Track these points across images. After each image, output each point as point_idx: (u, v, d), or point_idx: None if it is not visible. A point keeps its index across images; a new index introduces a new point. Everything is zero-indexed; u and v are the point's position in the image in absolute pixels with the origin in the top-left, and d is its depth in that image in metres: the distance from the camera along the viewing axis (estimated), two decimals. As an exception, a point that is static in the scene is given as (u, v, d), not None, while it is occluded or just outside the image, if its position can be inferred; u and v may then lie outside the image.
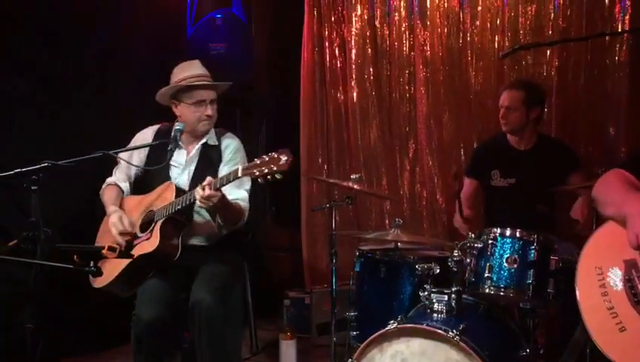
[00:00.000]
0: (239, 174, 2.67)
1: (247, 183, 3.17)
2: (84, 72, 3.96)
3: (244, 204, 3.07)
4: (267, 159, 2.58)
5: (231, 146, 3.20)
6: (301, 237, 4.72)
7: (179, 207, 2.89)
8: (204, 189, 2.75)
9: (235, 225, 3.08)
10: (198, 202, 2.78)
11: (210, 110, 3.10)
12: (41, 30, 3.75)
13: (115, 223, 2.99)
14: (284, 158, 2.55)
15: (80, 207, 3.77)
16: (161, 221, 2.94)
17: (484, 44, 4.12)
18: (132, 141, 3.27)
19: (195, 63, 3.18)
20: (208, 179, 2.78)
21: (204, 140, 3.20)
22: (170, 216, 2.92)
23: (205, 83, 3.11)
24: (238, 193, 3.06)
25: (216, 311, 2.83)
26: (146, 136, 3.26)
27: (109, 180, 3.27)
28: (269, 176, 2.55)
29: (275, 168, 2.55)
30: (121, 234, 2.97)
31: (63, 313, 3.63)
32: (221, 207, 2.85)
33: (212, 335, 2.83)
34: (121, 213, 3.04)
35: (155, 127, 3.28)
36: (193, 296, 2.88)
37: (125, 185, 3.26)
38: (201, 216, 3.08)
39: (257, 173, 2.58)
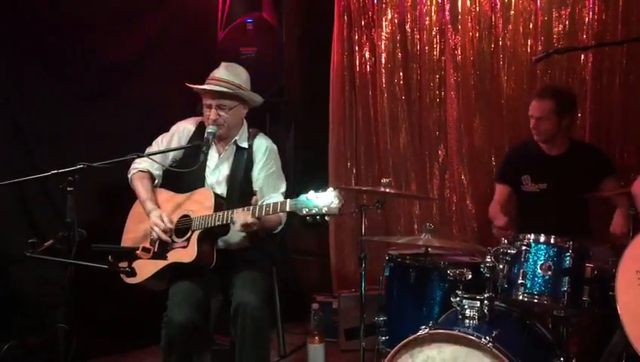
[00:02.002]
0: (287, 208, 2.68)
1: (283, 184, 3.19)
2: (114, 74, 4.00)
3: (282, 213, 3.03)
4: (318, 198, 2.58)
5: (262, 148, 3.19)
6: (329, 241, 4.70)
7: (219, 223, 2.91)
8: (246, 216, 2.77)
9: (270, 232, 3.10)
10: (237, 226, 2.80)
11: (214, 114, 3.07)
12: (71, 29, 3.81)
13: (156, 223, 3.01)
14: (335, 202, 2.56)
15: (110, 206, 3.81)
16: (198, 232, 2.95)
17: (517, 48, 4.07)
18: (173, 129, 3.27)
19: (225, 67, 3.18)
20: (254, 199, 2.81)
21: (234, 141, 3.19)
22: (208, 228, 2.94)
23: (208, 88, 3.07)
24: (275, 197, 3.06)
25: (262, 313, 2.87)
26: (188, 126, 3.25)
27: (140, 165, 3.22)
28: (317, 217, 2.57)
29: (326, 210, 2.56)
30: (164, 232, 2.99)
31: (91, 312, 3.68)
32: (259, 229, 2.89)
33: (258, 337, 2.86)
34: (160, 211, 3.05)
35: (199, 119, 3.26)
36: (237, 298, 2.90)
37: (159, 174, 3.25)
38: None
39: (306, 211, 2.59)
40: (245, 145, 3.20)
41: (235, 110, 3.12)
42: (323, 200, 2.58)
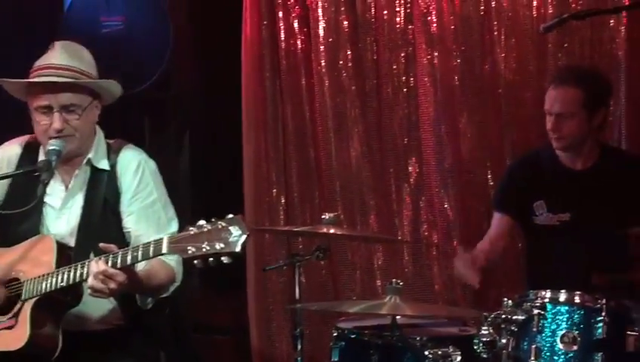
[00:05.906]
0: (164, 250, 2.66)
1: (173, 221, 3.17)
2: None
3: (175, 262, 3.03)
4: (209, 230, 2.56)
5: (132, 166, 3.17)
6: (248, 312, 4.70)
7: (63, 285, 2.87)
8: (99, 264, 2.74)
9: (160, 295, 3.07)
10: (89, 285, 2.77)
11: (58, 122, 3.03)
12: None
13: None
14: (236, 234, 2.53)
15: None
16: (33, 301, 2.91)
17: (518, 11, 4.19)
18: None
19: (63, 48, 3.17)
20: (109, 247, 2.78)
21: (87, 161, 3.16)
22: (47, 294, 2.90)
23: (47, 80, 3.03)
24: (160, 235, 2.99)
25: None
26: (8, 152, 3.24)
27: None
28: (210, 259, 2.55)
29: (222, 248, 2.53)
30: None
31: None
32: (131, 287, 2.86)
33: None
34: None
35: (24, 139, 3.25)
36: None
37: None
38: None
39: (192, 252, 2.57)
40: (105, 164, 3.18)
41: (88, 111, 3.11)
42: (217, 232, 2.55)
